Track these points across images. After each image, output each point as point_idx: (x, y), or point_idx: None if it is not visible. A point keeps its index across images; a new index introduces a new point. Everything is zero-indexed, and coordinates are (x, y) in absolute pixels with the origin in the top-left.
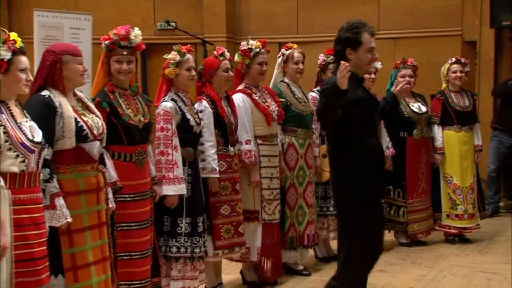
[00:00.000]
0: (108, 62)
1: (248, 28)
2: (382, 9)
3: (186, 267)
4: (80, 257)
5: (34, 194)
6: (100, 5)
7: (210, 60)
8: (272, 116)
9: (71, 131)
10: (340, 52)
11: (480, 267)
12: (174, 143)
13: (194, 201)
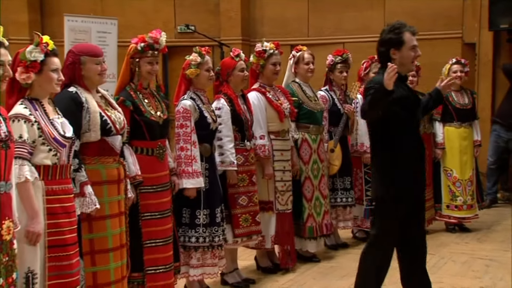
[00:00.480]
0: (134, 63)
1: (262, 31)
2: (387, 13)
3: (205, 255)
4: (99, 242)
5: (65, 185)
6: (125, 11)
7: (227, 61)
8: (285, 113)
9: (97, 125)
10: (384, 53)
11: (478, 254)
12: (193, 139)
13: (212, 194)
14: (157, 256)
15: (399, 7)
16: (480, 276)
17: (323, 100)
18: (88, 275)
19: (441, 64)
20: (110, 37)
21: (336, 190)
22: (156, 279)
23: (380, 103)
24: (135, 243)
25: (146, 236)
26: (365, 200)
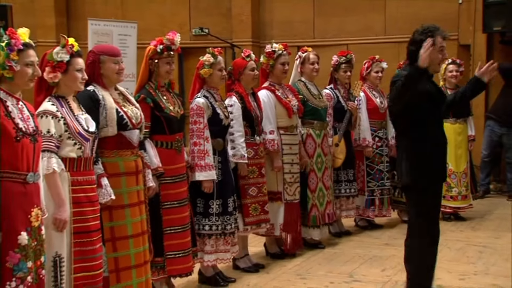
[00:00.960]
0: (153, 64)
1: (271, 34)
2: (387, 17)
3: (218, 242)
4: (119, 230)
5: (89, 176)
6: (144, 15)
7: (238, 61)
8: (293, 110)
9: (113, 120)
10: (414, 52)
11: (472, 241)
12: (206, 135)
13: (224, 185)
14: (176, 242)
15: (398, 11)
16: (474, 261)
17: (328, 98)
18: (110, 260)
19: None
20: (130, 40)
21: (340, 182)
22: (176, 263)
23: (414, 82)
24: (157, 230)
25: (166, 224)
26: (367, 191)
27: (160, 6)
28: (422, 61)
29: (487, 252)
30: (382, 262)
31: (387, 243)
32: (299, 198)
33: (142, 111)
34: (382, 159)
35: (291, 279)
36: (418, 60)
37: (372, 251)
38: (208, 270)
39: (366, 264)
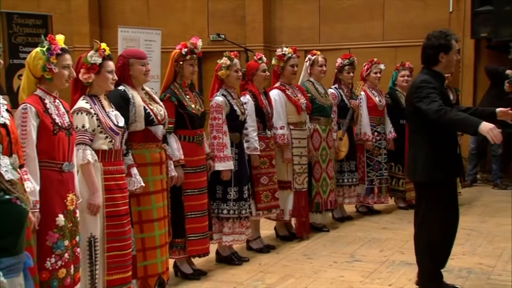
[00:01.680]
0: (178, 65)
1: (281, 39)
2: (386, 24)
3: (235, 225)
4: (146, 214)
5: (119, 166)
6: (167, 22)
7: (252, 64)
8: (302, 107)
9: (141, 117)
10: (432, 55)
11: (461, 225)
12: (224, 129)
13: (240, 174)
14: (196, 225)
15: (395, 19)
16: (462, 243)
17: (333, 97)
18: (137, 240)
19: None
20: (155, 45)
21: (343, 172)
22: (195, 244)
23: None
24: (179, 214)
25: (187, 209)
26: (367, 180)
27: (181, 15)
28: (485, 132)
29: (474, 235)
30: (380, 244)
31: (384, 227)
32: (307, 187)
33: (167, 109)
34: (380, 151)
35: (298, 259)
36: (436, 63)
37: (371, 234)
38: (225, 250)
39: (365, 246)
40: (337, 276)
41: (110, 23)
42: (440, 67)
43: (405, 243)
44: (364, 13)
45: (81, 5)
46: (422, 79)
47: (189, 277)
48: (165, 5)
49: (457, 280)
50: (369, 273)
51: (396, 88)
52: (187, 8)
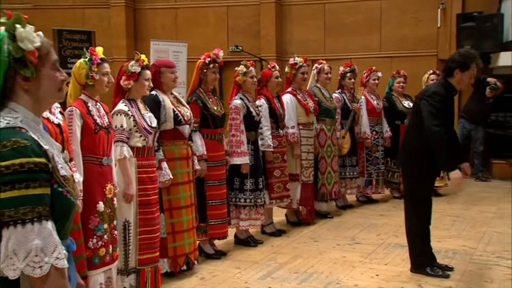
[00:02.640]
0: (203, 73)
1: (291, 50)
2: (382, 37)
3: (251, 212)
4: (175, 202)
5: (151, 161)
6: (192, 36)
7: (266, 71)
8: (310, 110)
9: (171, 118)
10: (449, 68)
11: (447, 213)
12: (241, 128)
13: (256, 168)
14: (216, 212)
15: (391, 33)
16: (448, 228)
17: (337, 100)
18: (168, 225)
19: (422, 74)
20: (182, 56)
21: (346, 166)
22: (215, 228)
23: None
24: (202, 202)
25: (209, 198)
26: (366, 174)
27: (204, 30)
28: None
29: (459, 221)
30: (378, 228)
31: (381, 214)
32: (312, 179)
33: (193, 110)
34: (378, 148)
35: (306, 242)
36: (450, 76)
37: (369, 220)
38: (242, 234)
39: (365, 230)
40: (340, 256)
41: (144, 37)
42: (453, 81)
43: (399, 228)
44: (364, 28)
45: (120, 22)
46: (434, 90)
47: (211, 257)
48: (191, 21)
49: (444, 259)
50: (367, 254)
51: (392, 93)
52: (209, 24)
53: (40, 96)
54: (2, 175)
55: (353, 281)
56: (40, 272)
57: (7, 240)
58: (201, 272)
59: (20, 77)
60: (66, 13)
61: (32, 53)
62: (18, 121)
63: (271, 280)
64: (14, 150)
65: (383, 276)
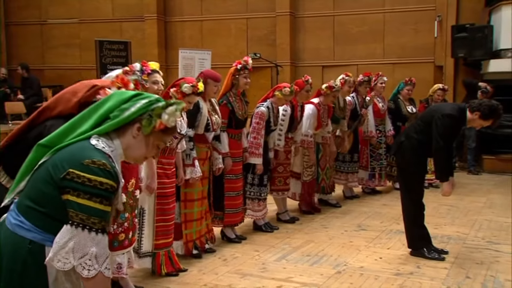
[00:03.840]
0: (235, 78)
1: (303, 57)
2: (386, 46)
3: (254, 204)
4: (189, 195)
5: (170, 160)
6: (215, 45)
7: (300, 82)
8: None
9: (203, 125)
10: (476, 107)
11: (443, 203)
12: (262, 133)
13: (264, 167)
14: (232, 202)
15: (393, 42)
16: (444, 216)
17: (349, 103)
18: (182, 214)
19: (421, 79)
20: (206, 62)
21: (346, 162)
22: (230, 216)
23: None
24: (220, 193)
25: (226, 190)
26: (370, 168)
27: (226, 39)
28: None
29: (453, 210)
30: (381, 216)
31: (384, 204)
32: (310, 178)
33: (222, 112)
34: (381, 145)
35: (317, 228)
36: (471, 112)
37: (374, 209)
38: (259, 221)
39: (369, 218)
40: (347, 241)
41: (173, 46)
42: (469, 116)
43: (400, 216)
44: (369, 37)
45: (152, 34)
46: (450, 114)
47: (232, 241)
48: (214, 32)
49: (440, 244)
50: (372, 239)
51: (399, 96)
52: (231, 34)
53: (133, 148)
54: (85, 185)
55: (359, 263)
56: (87, 274)
57: (70, 237)
58: (223, 254)
59: (139, 125)
60: (107, 26)
61: (161, 124)
62: (109, 151)
63: (286, 262)
64: (100, 170)
65: (385, 259)
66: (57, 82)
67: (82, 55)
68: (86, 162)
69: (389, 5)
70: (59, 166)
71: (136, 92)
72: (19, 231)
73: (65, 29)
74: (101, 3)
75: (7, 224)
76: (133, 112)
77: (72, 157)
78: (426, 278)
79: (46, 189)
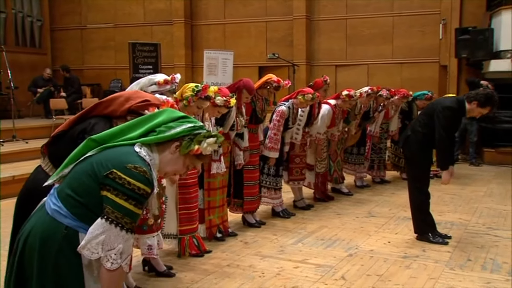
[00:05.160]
0: (265, 87)
1: (318, 57)
2: (394, 47)
3: (271, 192)
4: (212, 184)
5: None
6: (238, 46)
7: (318, 81)
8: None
9: (229, 125)
10: (473, 97)
11: (446, 192)
12: (281, 129)
13: (279, 158)
14: (250, 191)
15: (401, 43)
16: (447, 204)
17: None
18: (206, 202)
19: (427, 78)
20: (229, 62)
21: (354, 154)
22: (248, 203)
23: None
24: (240, 182)
25: (245, 179)
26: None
27: (247, 41)
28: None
29: (456, 198)
30: (389, 204)
31: (393, 192)
32: (323, 170)
33: (246, 109)
34: (382, 141)
35: (330, 214)
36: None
37: (383, 197)
38: (277, 207)
39: (379, 205)
40: (358, 227)
41: (199, 47)
42: (467, 106)
43: (407, 204)
44: (379, 39)
45: (180, 36)
46: (449, 106)
47: (252, 225)
48: (236, 34)
49: (444, 230)
50: (381, 225)
51: (415, 102)
52: (251, 36)
53: (167, 163)
54: (124, 186)
55: (369, 246)
56: (110, 267)
57: (103, 231)
58: (244, 237)
59: (178, 144)
60: (139, 29)
61: (198, 149)
62: (149, 159)
63: (302, 245)
64: (141, 175)
65: (393, 243)
66: (95, 81)
67: (116, 56)
68: (129, 166)
69: (398, 9)
70: (104, 164)
71: (185, 115)
72: (57, 216)
73: (102, 33)
74: (134, 9)
75: (47, 209)
76: (177, 132)
77: (117, 158)
78: (431, 261)
79: (87, 181)
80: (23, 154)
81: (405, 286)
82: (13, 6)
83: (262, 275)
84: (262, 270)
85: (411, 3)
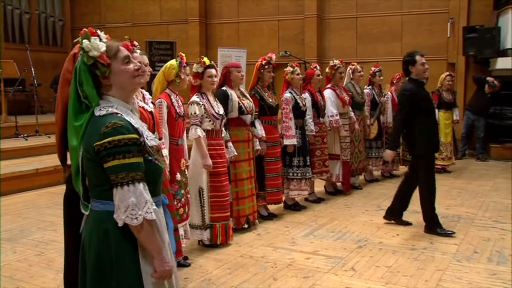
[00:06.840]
0: (260, 72)
1: (329, 55)
2: (403, 45)
3: (300, 183)
4: (239, 174)
5: (218, 140)
6: (251, 44)
7: (309, 71)
8: (346, 102)
9: (236, 109)
10: (406, 69)
11: (454, 186)
12: (290, 116)
13: (304, 148)
14: (272, 182)
15: (409, 41)
16: (455, 198)
17: (367, 95)
18: (234, 192)
19: (435, 75)
20: (242, 60)
21: (372, 148)
22: (272, 195)
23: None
24: (262, 174)
25: (267, 171)
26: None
27: (260, 39)
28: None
29: (463, 193)
30: None
31: None
32: (349, 158)
33: (253, 102)
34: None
35: (340, 208)
36: (409, 73)
37: (391, 191)
38: (289, 200)
39: (388, 199)
40: (368, 220)
41: (213, 45)
42: (414, 75)
43: (415, 197)
44: (388, 37)
45: (195, 35)
46: (404, 88)
47: (265, 218)
48: (249, 32)
49: (451, 223)
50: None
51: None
52: (264, 34)
53: (120, 86)
54: (107, 149)
55: (378, 239)
56: (136, 222)
57: (115, 197)
58: (257, 229)
59: (100, 76)
60: (155, 28)
61: (101, 57)
62: (113, 109)
63: (313, 237)
64: (113, 129)
65: (402, 236)
66: None
67: None
68: (102, 130)
69: (407, 8)
70: (89, 149)
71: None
72: (97, 208)
73: (120, 31)
74: (151, 9)
75: (92, 210)
76: (82, 70)
77: (91, 135)
78: (438, 253)
79: (95, 172)
80: (46, 148)
81: (413, 277)
82: (36, 7)
83: (274, 265)
84: (274, 261)
85: (420, 2)
